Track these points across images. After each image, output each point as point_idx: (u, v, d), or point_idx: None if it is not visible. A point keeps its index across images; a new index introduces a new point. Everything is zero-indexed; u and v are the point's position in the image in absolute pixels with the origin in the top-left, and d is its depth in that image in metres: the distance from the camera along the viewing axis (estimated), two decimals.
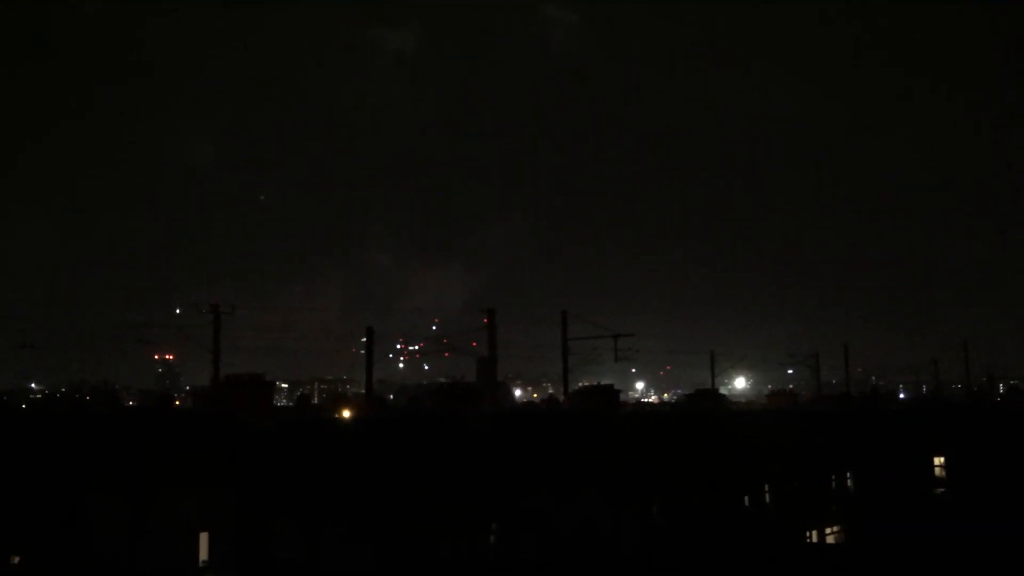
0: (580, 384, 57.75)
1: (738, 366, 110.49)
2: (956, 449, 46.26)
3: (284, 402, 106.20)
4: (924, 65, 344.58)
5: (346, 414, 40.50)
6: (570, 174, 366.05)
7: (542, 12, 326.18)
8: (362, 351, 53.43)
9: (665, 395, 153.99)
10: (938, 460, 46.89)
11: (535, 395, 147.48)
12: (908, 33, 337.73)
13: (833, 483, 41.63)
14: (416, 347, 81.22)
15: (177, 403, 77.16)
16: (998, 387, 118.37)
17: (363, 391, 57.16)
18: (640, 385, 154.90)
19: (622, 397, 59.73)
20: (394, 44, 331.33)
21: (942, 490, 45.53)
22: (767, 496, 37.60)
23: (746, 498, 36.39)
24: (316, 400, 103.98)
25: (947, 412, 55.86)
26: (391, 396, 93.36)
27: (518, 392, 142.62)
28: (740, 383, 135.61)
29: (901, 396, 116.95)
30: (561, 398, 56.43)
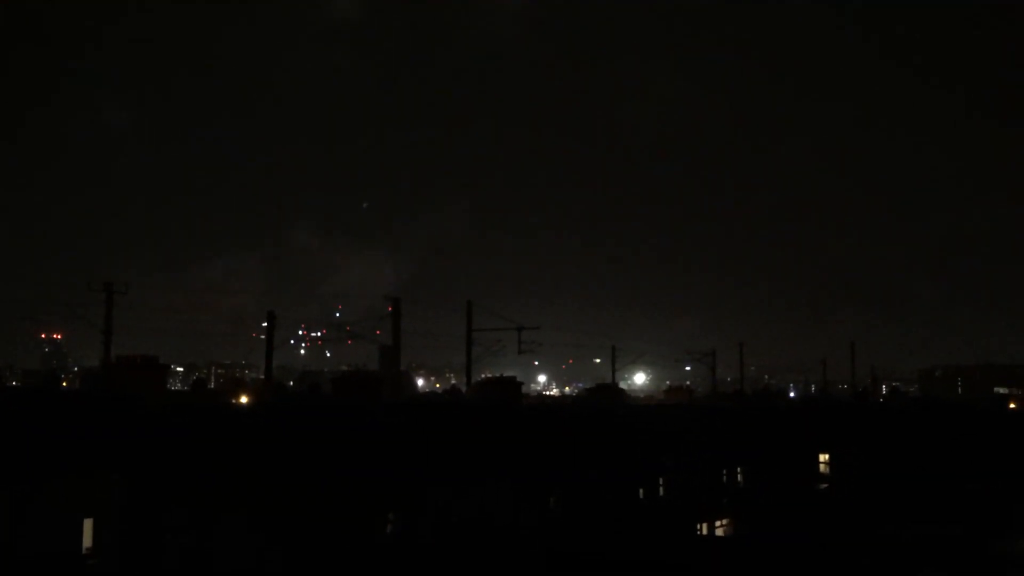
0: (483, 375, 58.03)
1: (638, 362, 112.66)
2: (840, 447, 48.32)
3: (179, 386, 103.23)
4: (824, 66, 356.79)
5: (244, 400, 39.60)
6: (502, 163, 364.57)
7: None
8: (262, 336, 52.49)
9: (567, 388, 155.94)
10: (823, 457, 48.88)
11: (438, 385, 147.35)
12: (819, 37, 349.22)
13: (725, 477, 42.90)
14: (319, 334, 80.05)
15: (64, 384, 73.99)
16: (881, 388, 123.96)
17: (262, 376, 56.12)
18: (542, 378, 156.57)
19: (524, 389, 60.22)
20: (335, 13, 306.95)
21: (825, 486, 47.51)
22: (661, 489, 38.46)
23: (641, 490, 37.14)
24: (213, 385, 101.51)
25: (833, 411, 58.14)
26: (291, 383, 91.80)
27: (421, 382, 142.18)
28: (640, 378, 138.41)
29: (791, 394, 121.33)
30: (464, 389, 56.49)
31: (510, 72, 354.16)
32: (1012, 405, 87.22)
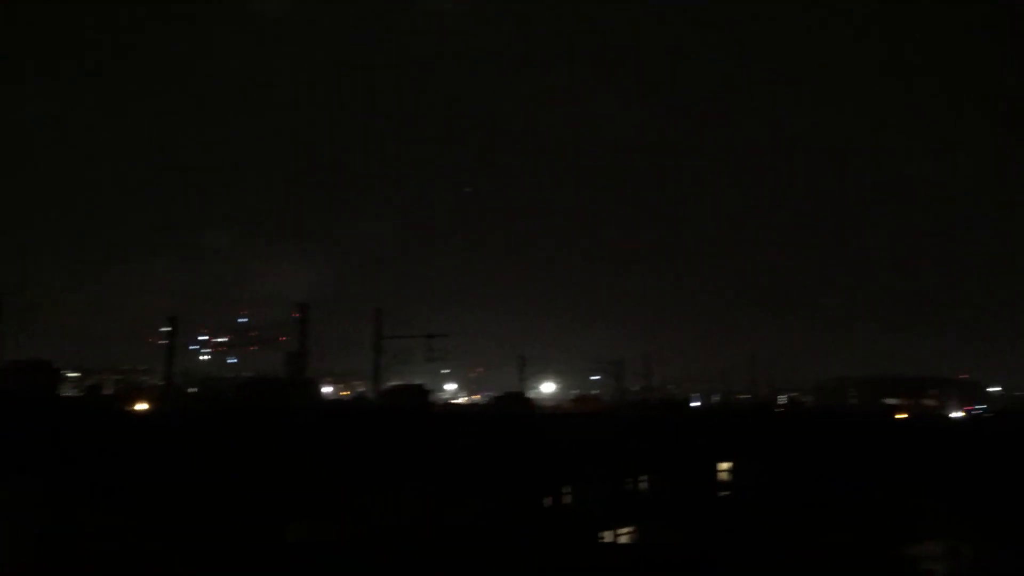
0: (391, 383, 57.60)
1: (547, 370, 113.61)
2: (740, 455, 49.60)
3: (74, 391, 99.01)
4: (736, 75, 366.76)
5: (141, 406, 38.36)
6: (420, 169, 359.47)
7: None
8: (162, 340, 51.02)
9: (475, 396, 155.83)
10: (724, 465, 50.09)
11: (345, 392, 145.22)
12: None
13: (629, 486, 43.51)
14: (223, 339, 78.19)
15: None
16: (779, 398, 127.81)
17: (162, 383, 54.53)
18: (451, 386, 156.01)
19: (432, 397, 59.97)
20: (255, 6, 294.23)
21: (726, 493, 48.68)
22: (567, 497, 38.75)
23: (546, 498, 37.36)
24: (109, 390, 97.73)
25: (734, 420, 59.67)
26: (192, 389, 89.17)
27: (327, 389, 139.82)
28: (548, 387, 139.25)
29: (695, 404, 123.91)
30: (371, 396, 55.97)
31: (437, 76, 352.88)
32: (899, 415, 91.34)
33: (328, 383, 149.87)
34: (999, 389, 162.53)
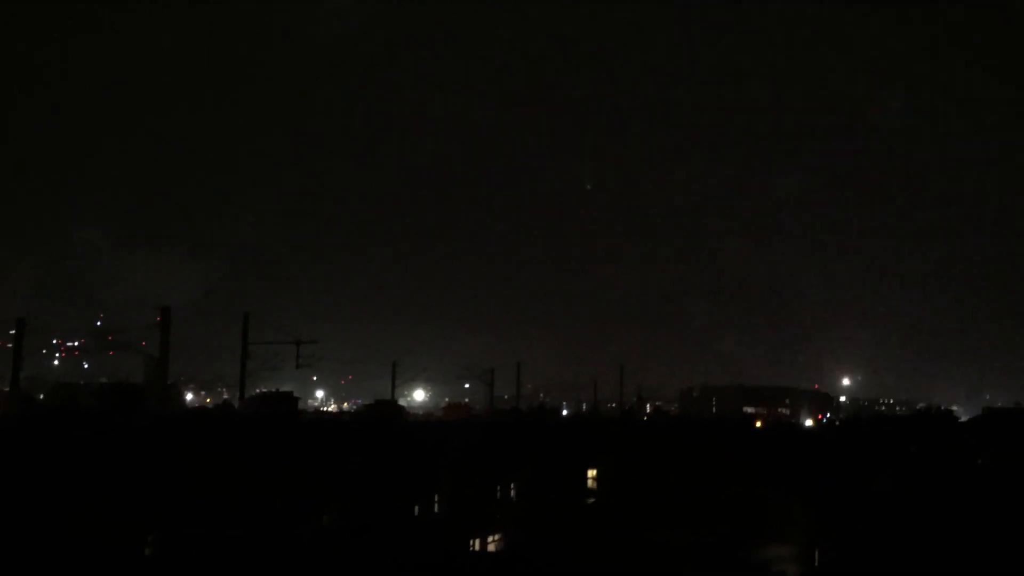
0: (258, 390, 55.97)
1: (419, 378, 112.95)
2: (607, 462, 50.69)
3: None
4: (591, 87, 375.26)
5: None
6: (295, 172, 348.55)
7: None
8: (9, 344, 48.06)
9: (345, 404, 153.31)
10: (592, 472, 51.11)
11: (208, 399, 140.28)
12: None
13: (499, 493, 43.76)
14: (76, 343, 74.22)
15: None
16: (646, 407, 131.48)
17: (7, 389, 51.26)
18: (320, 393, 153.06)
19: (301, 405, 58.59)
20: None
21: (593, 500, 49.65)
22: (437, 505, 38.65)
23: (417, 507, 37.16)
24: None
25: (601, 428, 60.94)
26: (41, 395, 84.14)
27: (190, 396, 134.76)
28: (420, 395, 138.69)
29: (564, 412, 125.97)
30: (236, 403, 54.19)
31: (311, 78, 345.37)
32: (758, 423, 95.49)
33: (192, 390, 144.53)
34: (845, 400, 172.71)
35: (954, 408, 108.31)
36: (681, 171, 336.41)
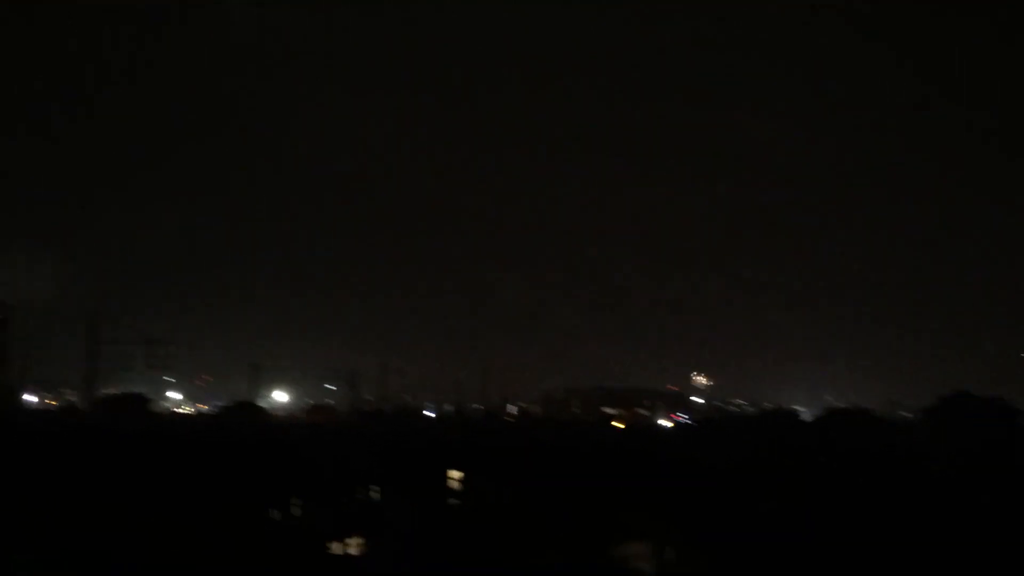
0: (107, 392, 53.35)
1: (281, 379, 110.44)
2: (470, 463, 50.90)
3: None
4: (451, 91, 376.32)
5: None
6: (154, 169, 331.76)
7: None
8: None
9: (203, 406, 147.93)
10: (455, 473, 51.19)
11: (52, 402, 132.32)
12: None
13: (361, 496, 43.22)
14: None
15: None
16: (509, 408, 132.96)
17: None
18: (175, 395, 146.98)
19: (154, 407, 56.19)
20: None
21: (456, 501, 49.72)
22: (296, 509, 37.88)
23: (275, 512, 36.30)
24: None
25: (465, 429, 61.25)
26: None
27: (31, 397, 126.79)
28: (281, 397, 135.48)
29: (428, 413, 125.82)
30: (82, 406, 51.42)
31: (166, 76, 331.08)
32: (618, 424, 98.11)
33: (33, 392, 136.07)
34: (699, 400, 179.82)
35: (798, 408, 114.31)
36: (544, 174, 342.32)
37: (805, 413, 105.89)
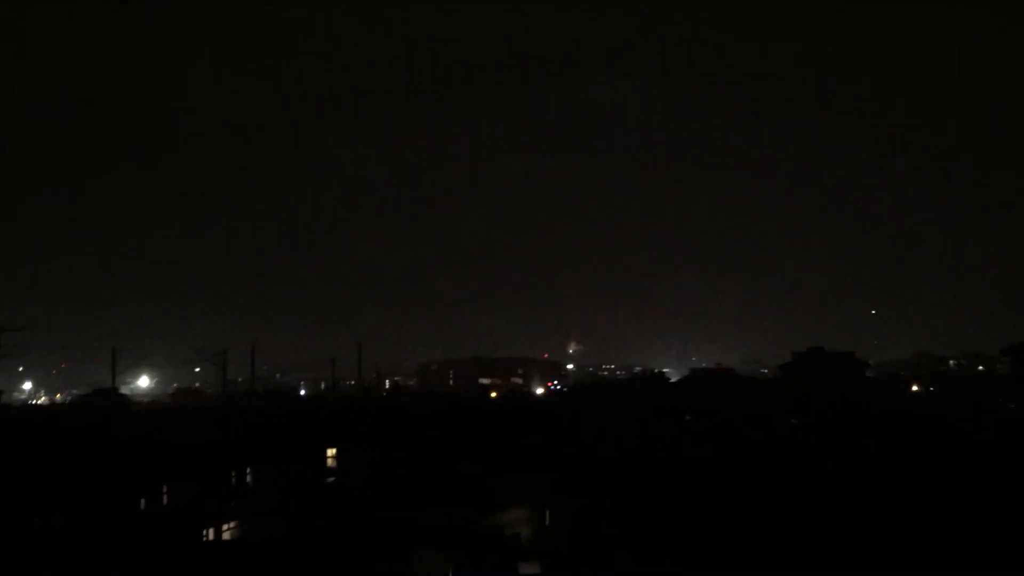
0: None
1: (143, 364, 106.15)
2: (346, 440, 50.52)
3: None
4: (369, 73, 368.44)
5: None
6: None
7: None
8: None
9: (58, 395, 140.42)
10: (331, 451, 50.70)
11: None
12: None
13: (234, 479, 42.32)
14: None
15: None
16: (385, 383, 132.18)
17: None
18: (28, 385, 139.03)
19: (6, 399, 53.04)
20: None
21: (332, 479, 49.29)
22: (165, 497, 36.78)
23: (143, 500, 35.14)
24: None
25: (340, 406, 60.62)
26: None
27: None
28: (144, 381, 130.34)
29: (302, 392, 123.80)
30: None
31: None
32: (493, 394, 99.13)
33: None
34: (572, 367, 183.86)
35: (666, 370, 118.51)
36: (423, 147, 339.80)
37: (673, 374, 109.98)
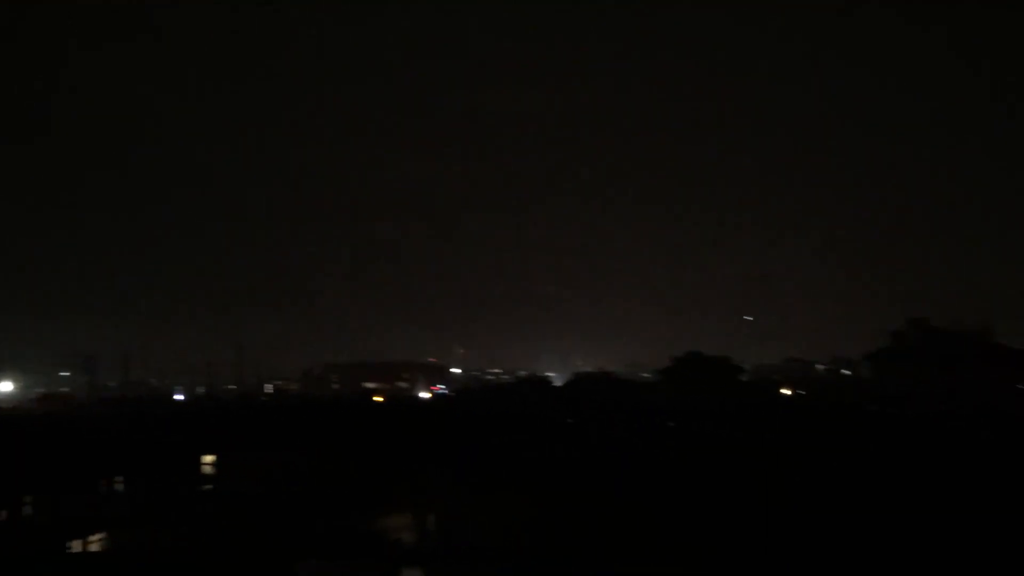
0: None
1: (5, 368, 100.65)
2: (225, 446, 49.14)
3: None
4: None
5: None
6: None
7: None
8: None
9: None
10: (208, 458, 49.20)
11: None
12: None
13: (104, 489, 40.60)
14: None
15: None
16: (265, 387, 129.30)
17: None
18: None
19: None
20: None
21: (209, 487, 47.84)
22: (28, 508, 35.03)
23: (2, 512, 33.35)
24: None
25: (219, 411, 58.95)
26: None
27: None
28: (6, 386, 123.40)
29: (179, 397, 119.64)
30: None
31: None
32: (378, 397, 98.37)
33: None
34: (458, 371, 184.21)
35: (551, 374, 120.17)
36: (309, 149, 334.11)
37: (557, 378, 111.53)
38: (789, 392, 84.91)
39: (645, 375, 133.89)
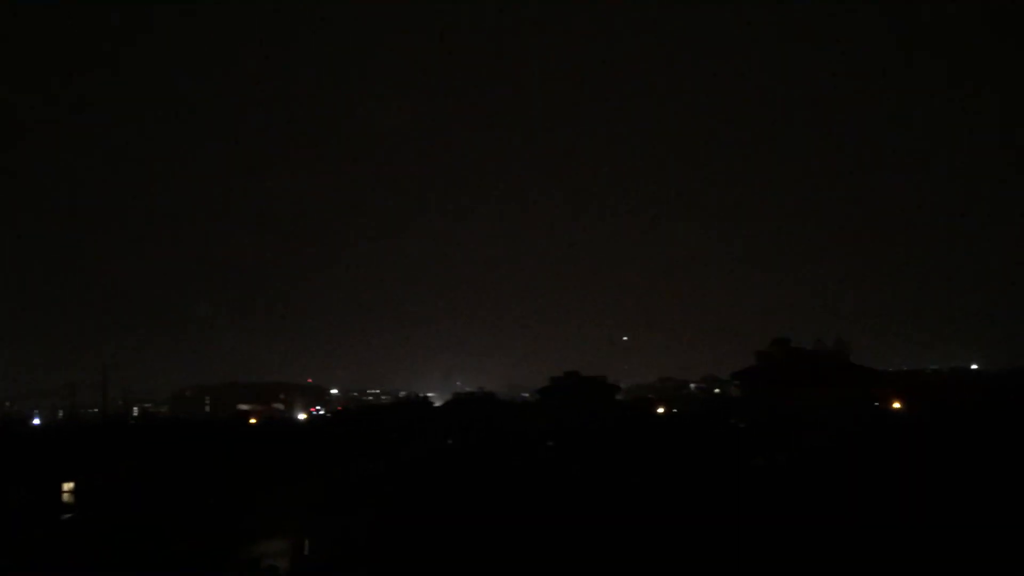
0: None
1: None
2: (86, 472, 46.84)
3: None
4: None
5: None
6: None
7: None
8: None
9: None
10: (68, 485, 46.73)
11: None
12: None
13: None
14: None
15: None
16: (132, 410, 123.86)
17: None
18: None
19: None
20: None
21: (70, 515, 45.45)
22: None
23: None
24: None
25: (80, 436, 56.21)
26: None
27: None
28: None
29: (36, 421, 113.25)
30: None
31: None
32: (253, 420, 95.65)
33: None
34: (337, 392, 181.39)
35: (430, 394, 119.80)
36: (187, 162, 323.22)
37: (437, 398, 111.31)
38: (663, 410, 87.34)
39: (525, 395, 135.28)
